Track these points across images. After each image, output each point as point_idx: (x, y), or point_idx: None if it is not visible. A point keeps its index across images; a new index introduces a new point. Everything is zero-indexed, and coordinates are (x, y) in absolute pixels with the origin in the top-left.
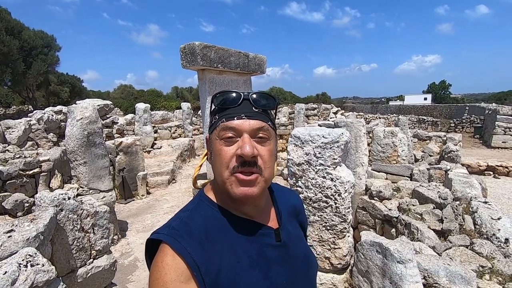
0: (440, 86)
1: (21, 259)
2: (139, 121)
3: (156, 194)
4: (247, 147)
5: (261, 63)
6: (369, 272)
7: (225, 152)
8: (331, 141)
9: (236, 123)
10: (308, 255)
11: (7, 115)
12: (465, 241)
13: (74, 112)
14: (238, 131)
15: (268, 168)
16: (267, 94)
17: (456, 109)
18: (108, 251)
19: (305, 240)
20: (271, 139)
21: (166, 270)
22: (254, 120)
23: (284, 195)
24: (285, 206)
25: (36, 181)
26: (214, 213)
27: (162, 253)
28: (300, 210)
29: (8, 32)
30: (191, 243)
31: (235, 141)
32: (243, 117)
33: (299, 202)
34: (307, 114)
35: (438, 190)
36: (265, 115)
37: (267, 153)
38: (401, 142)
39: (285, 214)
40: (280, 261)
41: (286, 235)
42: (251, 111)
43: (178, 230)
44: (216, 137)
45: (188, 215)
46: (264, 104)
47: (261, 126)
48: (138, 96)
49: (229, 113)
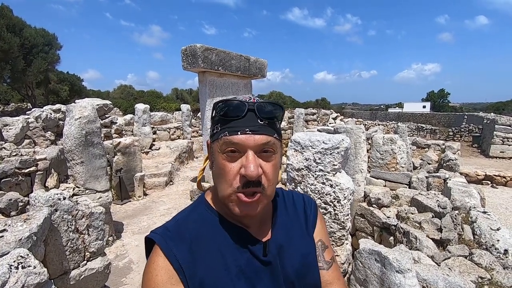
0: (439, 94)
1: (12, 261)
2: (138, 122)
3: (153, 195)
4: (252, 167)
5: (262, 67)
6: (367, 281)
7: (228, 169)
8: (332, 147)
9: (240, 139)
10: (302, 271)
11: (5, 112)
12: (464, 251)
13: (72, 111)
14: (242, 147)
15: (271, 185)
16: (274, 103)
17: (454, 117)
18: (102, 253)
19: (310, 249)
20: (277, 153)
21: (158, 271)
22: (259, 135)
23: (290, 201)
24: (287, 214)
25: (32, 180)
26: (209, 218)
27: (154, 254)
28: (308, 214)
29: (9, 30)
30: (179, 246)
31: (238, 157)
32: (248, 132)
33: (308, 203)
34: (307, 119)
35: (437, 199)
36: (271, 127)
37: (271, 169)
38: (400, 150)
39: (282, 225)
40: (268, 274)
41: (275, 248)
42: (256, 125)
43: (170, 231)
44: (218, 150)
45: (183, 216)
46: (270, 115)
47: (267, 141)
48: (137, 97)
49: (232, 126)
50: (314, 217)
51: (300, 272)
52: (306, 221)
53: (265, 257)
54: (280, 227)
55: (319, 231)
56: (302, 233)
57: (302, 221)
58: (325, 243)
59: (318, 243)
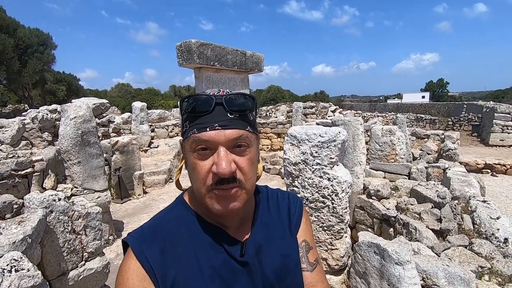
0: (438, 84)
1: (5, 264)
2: (136, 120)
3: (153, 193)
4: (224, 164)
5: (258, 61)
6: (366, 273)
7: (200, 168)
8: (328, 140)
9: (209, 135)
10: (282, 272)
11: (2, 114)
12: (464, 241)
13: (67, 111)
14: (212, 144)
15: (249, 179)
16: (244, 94)
17: (454, 107)
18: (101, 253)
19: (291, 250)
20: (252, 146)
21: (129, 274)
22: (230, 130)
23: (273, 199)
24: (269, 213)
25: (29, 181)
26: (186, 218)
27: (126, 256)
28: (292, 212)
29: (3, 30)
30: (151, 248)
31: (210, 154)
32: (217, 127)
33: (293, 201)
34: (305, 112)
35: (437, 189)
36: (243, 120)
37: (247, 163)
38: (399, 141)
39: (262, 225)
40: (245, 275)
41: (253, 248)
42: (225, 119)
43: (144, 233)
44: (189, 149)
45: (160, 217)
46: (240, 107)
47: (239, 135)
48: (135, 95)
49: (200, 123)
50: (298, 216)
51: (280, 273)
52: (289, 220)
53: (242, 258)
54: (260, 227)
55: (303, 231)
56: (284, 233)
57: (285, 220)
58: (310, 243)
59: (302, 244)
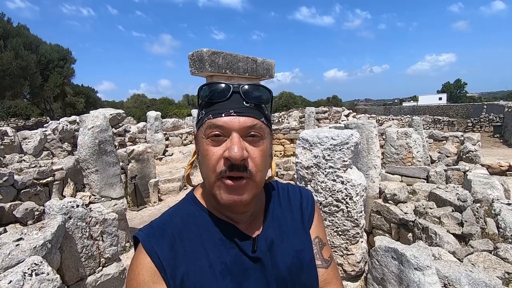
0: (455, 85)
1: (26, 268)
2: (151, 129)
3: (168, 200)
4: (236, 149)
5: (269, 68)
6: (384, 279)
7: (212, 154)
8: (341, 143)
9: (224, 121)
10: (296, 268)
11: (26, 126)
12: (488, 246)
13: (85, 121)
14: (226, 130)
15: (259, 171)
16: (261, 86)
17: (473, 108)
18: (117, 258)
19: (304, 246)
20: (265, 138)
21: (139, 269)
22: (244, 117)
23: (284, 194)
24: (280, 207)
25: (49, 190)
26: (195, 213)
27: (137, 252)
28: (304, 207)
29: (26, 47)
30: (161, 243)
31: (223, 141)
32: (232, 113)
33: (305, 196)
34: (318, 117)
35: (457, 192)
36: (258, 110)
37: (259, 155)
38: (416, 143)
39: (274, 220)
40: (257, 271)
41: (265, 244)
42: (241, 106)
43: (153, 228)
44: (202, 135)
45: (170, 213)
46: (257, 97)
47: (253, 124)
48: (150, 105)
49: (216, 109)
50: (311, 211)
51: (294, 269)
52: (301, 215)
53: (254, 253)
54: (272, 222)
55: (316, 227)
56: (296, 228)
57: (297, 215)
58: (323, 240)
59: (316, 240)
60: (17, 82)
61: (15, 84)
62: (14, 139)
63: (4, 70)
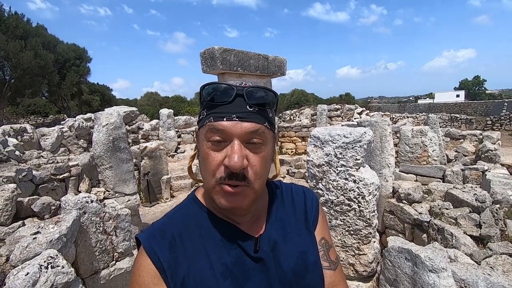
0: (474, 82)
1: (42, 261)
2: (163, 126)
3: (180, 197)
4: (236, 158)
5: (281, 65)
6: (397, 281)
7: (212, 158)
8: (353, 141)
9: (225, 125)
10: (300, 270)
11: (44, 123)
12: (507, 249)
13: (100, 118)
14: (227, 135)
15: (259, 179)
16: (265, 89)
17: (493, 105)
18: (130, 253)
19: (309, 246)
20: (267, 144)
21: (140, 271)
22: (247, 123)
23: (288, 194)
24: (283, 208)
25: (66, 185)
26: (197, 214)
27: (139, 253)
28: (308, 207)
29: (45, 47)
30: (161, 244)
31: (224, 146)
32: (234, 118)
33: (309, 196)
34: (330, 115)
35: (475, 193)
36: (261, 114)
37: (259, 162)
38: (432, 142)
39: (277, 220)
40: (259, 273)
41: (268, 244)
42: (244, 111)
43: (154, 230)
44: (203, 138)
45: (171, 214)
46: (260, 101)
47: (255, 129)
48: (163, 103)
49: (217, 112)
50: (315, 212)
51: (298, 271)
52: (305, 216)
53: (256, 253)
54: (275, 223)
55: (321, 228)
56: (300, 229)
57: (300, 215)
58: (329, 241)
59: (322, 241)
60: (36, 80)
61: (34, 82)
62: (33, 136)
63: (24, 69)
